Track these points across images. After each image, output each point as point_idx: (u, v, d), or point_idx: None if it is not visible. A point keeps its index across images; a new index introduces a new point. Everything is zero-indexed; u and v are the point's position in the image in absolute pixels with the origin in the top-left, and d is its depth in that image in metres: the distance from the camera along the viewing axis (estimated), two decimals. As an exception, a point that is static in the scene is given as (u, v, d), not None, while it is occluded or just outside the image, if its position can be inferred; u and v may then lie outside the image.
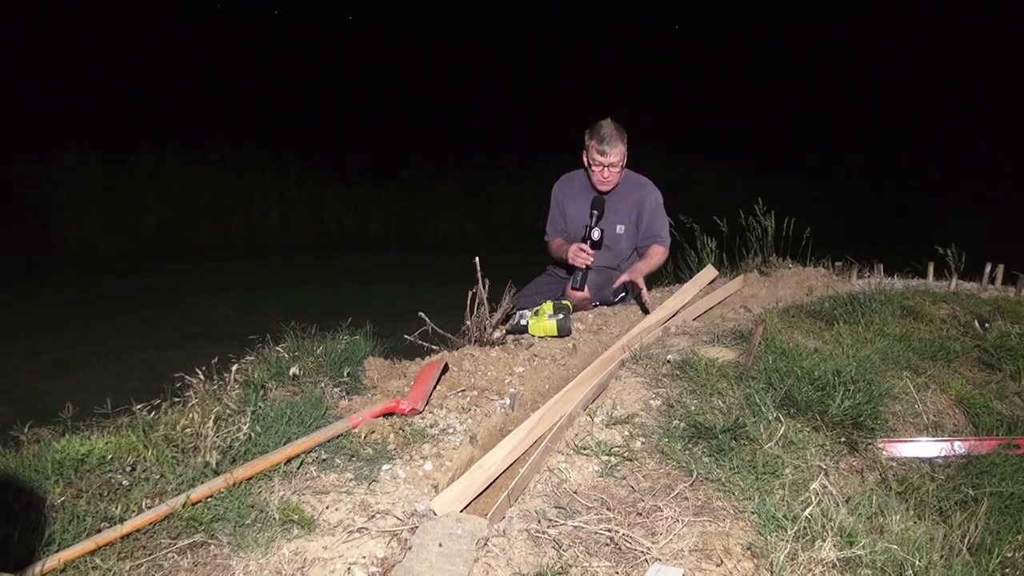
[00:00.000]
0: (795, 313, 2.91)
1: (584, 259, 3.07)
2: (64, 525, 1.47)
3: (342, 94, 12.99)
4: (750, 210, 3.64)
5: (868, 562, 1.40)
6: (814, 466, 1.78)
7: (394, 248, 9.60)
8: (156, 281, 7.00)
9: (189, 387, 2.08)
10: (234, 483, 1.63)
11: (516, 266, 3.04)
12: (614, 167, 3.13)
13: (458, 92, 13.81)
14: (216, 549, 1.49)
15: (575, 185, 3.36)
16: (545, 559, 1.44)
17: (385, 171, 10.75)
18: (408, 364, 2.45)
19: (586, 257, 3.07)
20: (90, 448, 1.69)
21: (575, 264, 3.10)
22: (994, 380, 2.55)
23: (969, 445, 2.11)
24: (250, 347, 2.37)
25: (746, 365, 2.22)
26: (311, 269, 7.92)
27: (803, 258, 3.70)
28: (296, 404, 1.96)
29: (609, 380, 2.23)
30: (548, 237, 3.45)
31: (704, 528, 1.54)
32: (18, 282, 6.76)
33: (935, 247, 3.46)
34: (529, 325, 2.73)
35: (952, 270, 3.50)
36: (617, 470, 1.75)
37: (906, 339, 2.67)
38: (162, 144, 9.19)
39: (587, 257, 3.07)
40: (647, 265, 3.23)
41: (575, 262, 3.09)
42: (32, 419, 1.84)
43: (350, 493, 1.67)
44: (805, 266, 3.70)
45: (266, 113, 11.44)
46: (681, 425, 1.93)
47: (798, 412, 2.01)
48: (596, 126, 3.11)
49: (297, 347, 2.38)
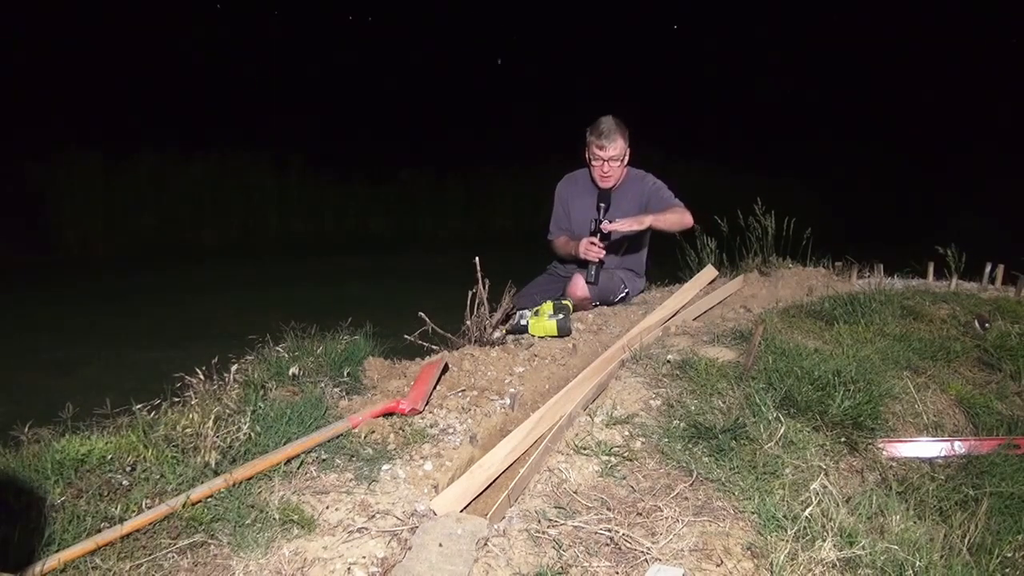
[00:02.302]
0: (795, 313, 2.92)
1: (596, 253, 3.07)
2: (64, 525, 1.47)
3: (342, 94, 12.98)
4: (750, 210, 3.64)
5: (868, 562, 1.40)
6: (814, 466, 1.78)
7: (394, 248, 9.61)
8: (156, 281, 7.01)
9: (189, 387, 2.08)
10: (234, 483, 1.63)
11: (516, 266, 3.04)
12: (614, 161, 3.13)
13: (458, 92, 13.81)
14: (216, 549, 1.48)
15: (578, 184, 3.35)
16: (545, 559, 1.44)
17: (385, 171, 10.75)
18: (408, 364, 2.44)
19: (597, 251, 3.07)
20: (90, 448, 1.69)
21: (586, 258, 3.09)
22: (994, 380, 2.55)
23: (969, 445, 2.11)
24: (250, 347, 2.37)
25: (746, 365, 2.22)
26: (311, 269, 7.92)
27: (803, 258, 3.71)
28: (296, 404, 1.96)
29: (609, 380, 2.23)
30: (551, 236, 3.45)
31: (704, 528, 1.54)
32: (18, 282, 6.77)
33: (935, 247, 3.46)
34: (529, 325, 2.73)
35: (952, 270, 3.50)
36: (617, 470, 1.75)
37: (906, 339, 2.67)
38: (162, 144, 9.18)
39: (598, 251, 3.07)
40: (655, 217, 3.06)
41: (587, 256, 3.08)
42: (32, 419, 1.84)
43: (350, 493, 1.67)
44: (805, 266, 3.70)
45: (266, 113, 11.44)
46: (681, 425, 1.93)
47: (798, 412, 2.01)
48: (595, 122, 3.13)
49: (297, 347, 2.38)
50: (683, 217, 3.16)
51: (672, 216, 3.13)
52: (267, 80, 12.51)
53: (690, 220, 3.18)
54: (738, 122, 14.23)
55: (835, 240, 3.88)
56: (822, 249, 3.75)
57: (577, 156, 3.32)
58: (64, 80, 10.21)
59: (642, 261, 3.44)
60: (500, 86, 14.28)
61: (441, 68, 14.11)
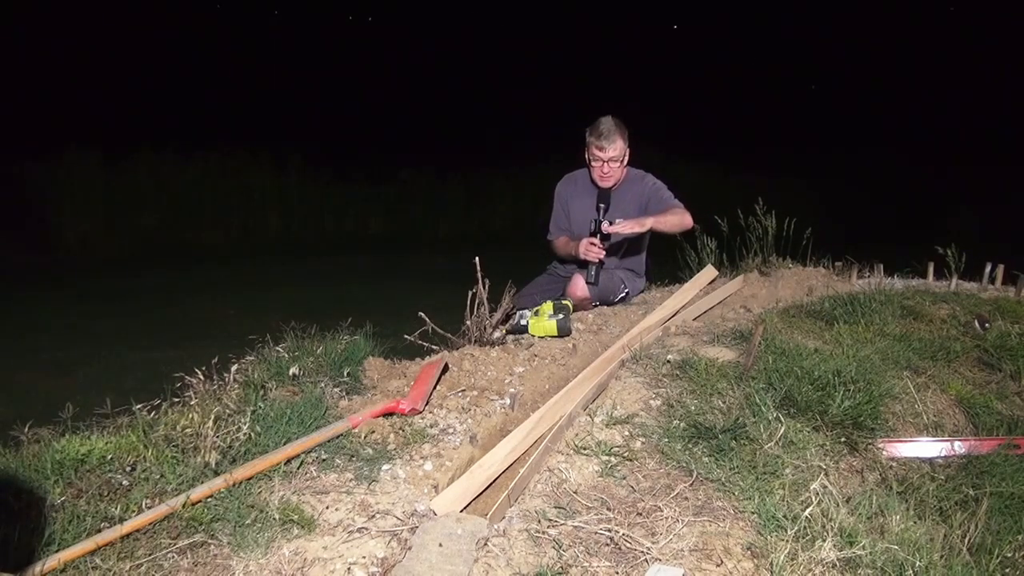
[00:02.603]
0: (795, 313, 2.92)
1: (596, 253, 3.07)
2: (64, 525, 1.47)
3: (342, 94, 12.98)
4: (750, 210, 3.64)
5: (868, 562, 1.40)
6: (814, 466, 1.78)
7: (394, 248, 9.59)
8: (156, 281, 7.00)
9: (189, 387, 2.08)
10: (234, 483, 1.63)
11: (516, 266, 3.04)
12: (613, 162, 3.12)
13: (458, 92, 13.81)
14: (216, 549, 1.48)
15: (578, 184, 3.35)
16: (545, 559, 1.44)
17: (385, 171, 10.74)
18: (408, 364, 2.44)
19: (597, 251, 3.07)
20: (90, 448, 1.69)
21: (586, 259, 3.09)
22: (994, 380, 2.55)
23: (969, 445, 2.11)
24: (250, 347, 2.37)
25: (746, 365, 2.22)
26: (311, 269, 7.91)
27: (803, 258, 3.70)
28: (296, 404, 1.96)
29: (609, 380, 2.23)
30: (551, 236, 3.45)
31: (704, 528, 1.54)
32: (18, 282, 6.76)
33: (935, 247, 3.46)
34: (529, 325, 2.73)
35: (952, 270, 3.50)
36: (617, 470, 1.75)
37: (906, 339, 2.67)
38: (162, 144, 9.18)
39: (598, 252, 3.07)
40: (655, 219, 3.05)
41: (587, 256, 3.08)
42: (32, 419, 1.84)
43: (350, 493, 1.67)
44: (805, 266, 3.70)
45: (266, 113, 11.44)
46: (681, 425, 1.93)
47: (798, 412, 2.01)
48: (595, 122, 3.12)
49: (297, 347, 2.38)
50: (683, 218, 3.16)
51: (672, 218, 3.13)
52: (267, 80, 12.50)
53: (690, 221, 3.18)
54: (738, 122, 14.23)
55: (835, 240, 3.88)
56: (822, 249, 3.75)
57: (577, 156, 3.32)
58: (64, 80, 10.22)
59: (642, 261, 3.44)
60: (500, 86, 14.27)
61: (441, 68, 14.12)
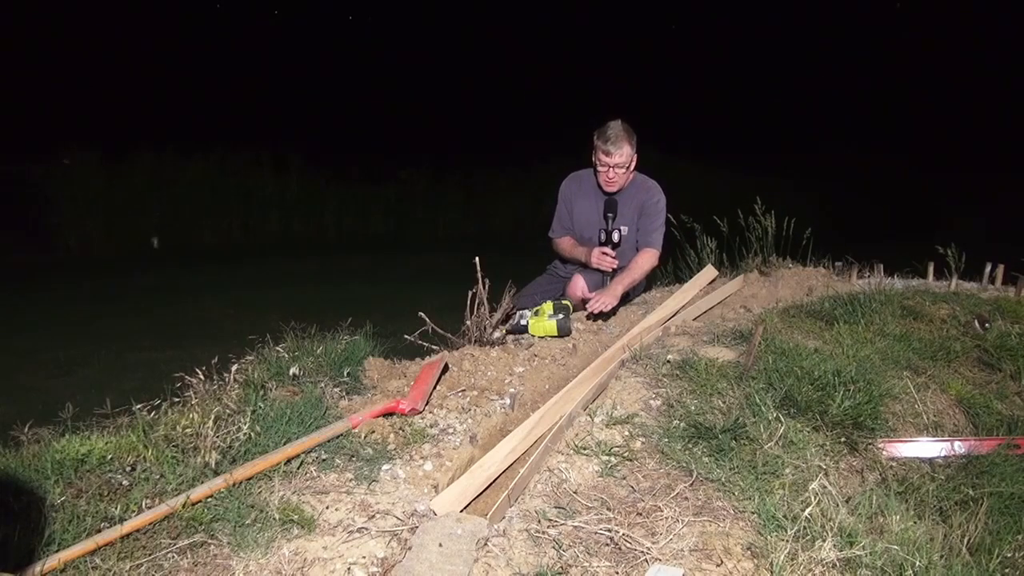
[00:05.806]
0: (795, 313, 2.91)
1: (609, 263, 3.09)
2: (64, 525, 1.47)
3: (342, 94, 12.98)
4: (750, 210, 3.64)
5: (868, 562, 1.40)
6: (814, 466, 1.78)
7: (394, 248, 9.59)
8: (156, 281, 7.00)
9: (189, 387, 2.08)
10: (234, 483, 1.63)
11: (516, 266, 3.04)
12: (619, 168, 3.11)
13: (458, 92, 13.81)
14: (216, 549, 1.48)
15: (583, 184, 3.35)
16: (545, 559, 1.44)
17: (385, 171, 10.74)
18: (408, 364, 2.44)
19: (611, 261, 3.09)
20: (90, 448, 1.69)
21: (600, 268, 3.11)
22: (994, 380, 2.55)
23: (969, 445, 2.11)
24: (250, 347, 2.37)
25: (746, 365, 2.22)
26: (311, 269, 7.91)
27: (803, 258, 3.70)
28: (296, 404, 1.96)
29: (609, 380, 2.23)
30: (554, 235, 3.44)
31: (704, 528, 1.54)
32: (18, 282, 6.76)
33: (935, 247, 3.46)
34: (529, 325, 2.73)
35: (952, 270, 3.50)
36: (617, 470, 1.75)
37: (906, 339, 2.67)
38: (162, 144, 9.18)
39: (612, 261, 3.09)
40: (629, 277, 3.10)
41: (600, 266, 3.10)
42: (32, 419, 1.84)
43: (350, 493, 1.67)
44: (805, 266, 3.70)
45: (266, 113, 11.44)
46: (681, 425, 1.93)
47: (798, 412, 2.01)
48: (604, 127, 3.08)
49: (297, 347, 2.38)
50: (650, 266, 3.22)
51: (640, 269, 3.17)
52: (267, 80, 12.50)
53: (655, 264, 3.24)
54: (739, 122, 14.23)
55: (835, 240, 3.88)
56: (822, 249, 3.75)
57: (577, 156, 3.32)
58: (64, 80, 10.21)
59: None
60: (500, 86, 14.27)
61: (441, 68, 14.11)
